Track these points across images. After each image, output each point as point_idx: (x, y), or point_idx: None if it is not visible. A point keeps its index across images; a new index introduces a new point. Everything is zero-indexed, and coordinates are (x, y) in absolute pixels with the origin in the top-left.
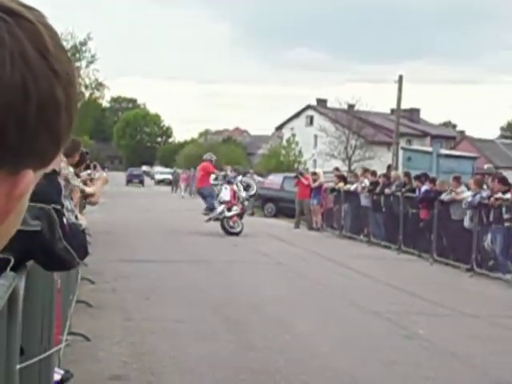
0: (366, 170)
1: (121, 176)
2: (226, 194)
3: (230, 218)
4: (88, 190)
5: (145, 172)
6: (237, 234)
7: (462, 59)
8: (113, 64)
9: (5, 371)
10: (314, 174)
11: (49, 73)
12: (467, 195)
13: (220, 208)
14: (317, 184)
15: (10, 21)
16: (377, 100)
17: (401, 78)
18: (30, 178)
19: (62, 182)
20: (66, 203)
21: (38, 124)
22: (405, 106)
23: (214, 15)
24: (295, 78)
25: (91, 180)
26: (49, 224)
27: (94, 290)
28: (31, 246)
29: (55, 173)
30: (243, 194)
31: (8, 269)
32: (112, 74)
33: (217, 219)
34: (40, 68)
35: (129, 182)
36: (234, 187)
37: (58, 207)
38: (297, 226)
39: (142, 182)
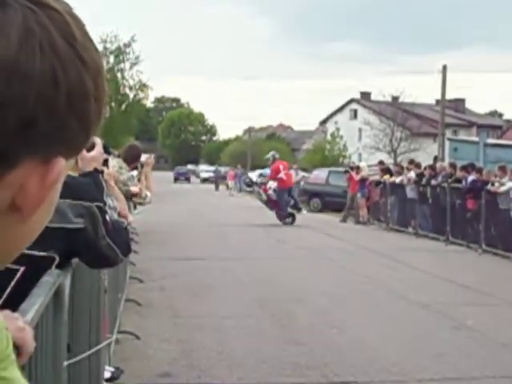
0: (411, 162)
1: (167, 175)
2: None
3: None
4: (133, 189)
5: (190, 171)
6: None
7: (507, 47)
8: (156, 64)
9: (52, 367)
10: (357, 167)
11: (77, 62)
12: (510, 185)
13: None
14: (359, 177)
15: (38, 11)
16: (421, 91)
17: (445, 67)
18: (62, 166)
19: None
20: (109, 201)
21: (68, 112)
22: (449, 96)
23: (253, 11)
24: (337, 71)
25: (139, 180)
26: (92, 222)
27: (143, 289)
28: (75, 243)
29: (98, 171)
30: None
31: (53, 266)
32: (155, 74)
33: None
34: (68, 57)
35: (176, 179)
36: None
37: (101, 205)
38: (344, 219)
39: (188, 180)
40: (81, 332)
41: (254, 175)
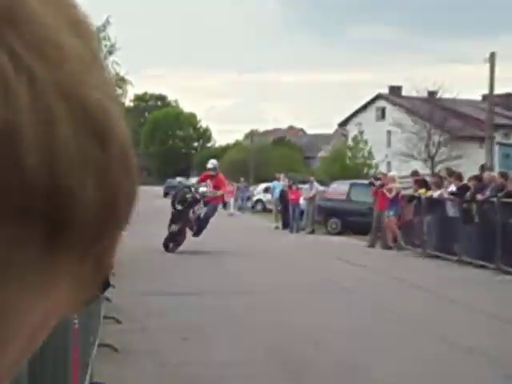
0: (451, 173)
1: (151, 191)
2: None
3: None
4: None
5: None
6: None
7: None
8: (136, 54)
9: None
10: (380, 179)
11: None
12: None
13: None
14: (388, 191)
15: None
16: (464, 85)
17: (493, 55)
18: None
19: None
20: None
21: None
22: (499, 90)
23: None
24: (360, 61)
25: None
26: None
27: (121, 331)
28: None
29: None
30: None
31: None
32: (135, 66)
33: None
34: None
35: (166, 194)
36: None
37: None
38: (371, 244)
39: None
40: None
41: (258, 190)
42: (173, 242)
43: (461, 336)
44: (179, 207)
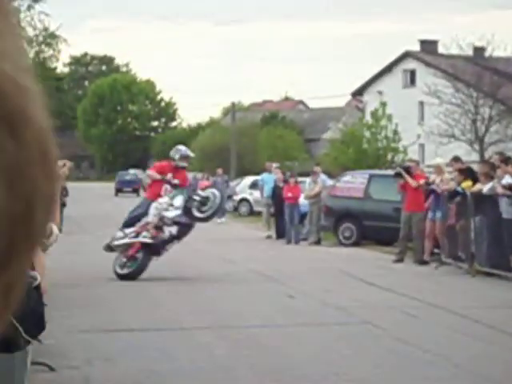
0: (507, 159)
1: (94, 188)
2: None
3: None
4: None
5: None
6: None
7: None
8: (72, 2)
9: None
10: (410, 166)
11: None
12: None
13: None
14: (436, 185)
15: None
16: None
17: None
18: None
19: None
20: None
21: None
22: None
23: None
24: (382, 7)
25: None
26: None
27: (55, 382)
28: None
29: None
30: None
31: None
32: (71, 18)
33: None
34: None
35: (118, 191)
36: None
37: None
38: (400, 258)
39: (136, 191)
40: None
41: (242, 186)
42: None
43: None
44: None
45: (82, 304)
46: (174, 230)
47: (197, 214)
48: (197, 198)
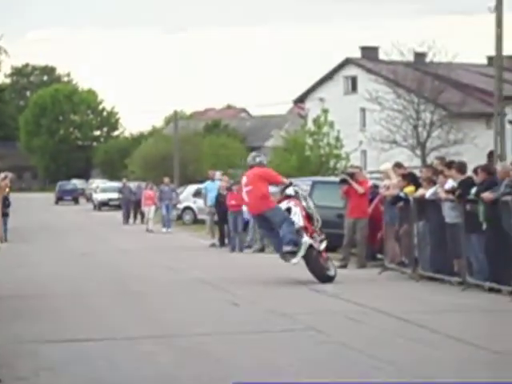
0: (449, 163)
1: (37, 199)
2: (297, 215)
3: (320, 252)
4: None
5: (78, 189)
6: (332, 278)
7: None
8: (13, 11)
9: None
10: (353, 172)
11: None
12: None
13: (306, 239)
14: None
15: None
16: (463, 43)
17: (500, 3)
18: None
19: None
20: None
21: None
22: (510, 51)
23: None
24: (323, 12)
25: None
26: None
27: None
28: None
29: None
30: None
31: None
32: (12, 27)
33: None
34: None
35: (59, 199)
36: (303, 203)
37: None
38: (344, 264)
39: (75, 200)
40: None
41: (185, 194)
42: None
43: None
44: None
45: (28, 314)
46: None
47: None
48: None
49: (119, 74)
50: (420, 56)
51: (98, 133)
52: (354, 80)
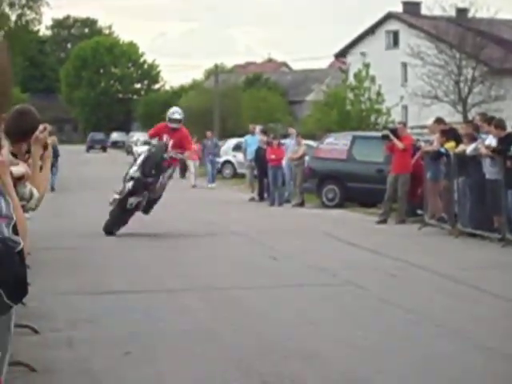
0: (490, 119)
1: (78, 151)
2: None
3: None
4: (15, 170)
5: (116, 143)
6: None
7: None
8: None
9: None
10: (397, 127)
11: None
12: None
13: None
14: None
15: None
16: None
17: None
18: None
19: None
20: None
21: None
22: None
23: None
24: None
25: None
26: None
27: (39, 345)
28: None
29: None
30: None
31: None
32: None
33: None
34: None
35: (90, 148)
36: None
37: None
38: (383, 219)
39: (104, 149)
40: None
41: (225, 148)
42: (122, 222)
43: (504, 344)
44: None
45: (66, 266)
46: (129, 185)
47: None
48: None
49: (159, 28)
50: (462, 11)
51: (138, 86)
52: (395, 35)
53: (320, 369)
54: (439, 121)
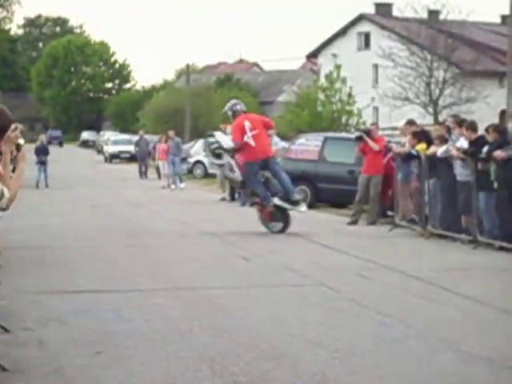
0: (461, 121)
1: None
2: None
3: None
4: None
5: (86, 142)
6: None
7: None
8: None
9: None
10: (370, 129)
11: None
12: None
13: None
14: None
15: None
16: (478, 1)
17: None
18: None
19: None
20: None
21: None
22: None
23: None
24: None
25: None
26: None
27: (9, 344)
28: None
29: None
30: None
31: None
32: None
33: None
34: None
35: (49, 143)
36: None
37: None
38: (354, 220)
39: (60, 144)
40: None
41: (196, 148)
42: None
43: (476, 345)
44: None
45: (37, 266)
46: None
47: None
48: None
49: (131, 27)
50: (434, 13)
51: (109, 85)
52: (367, 36)
53: (291, 369)
54: (410, 122)
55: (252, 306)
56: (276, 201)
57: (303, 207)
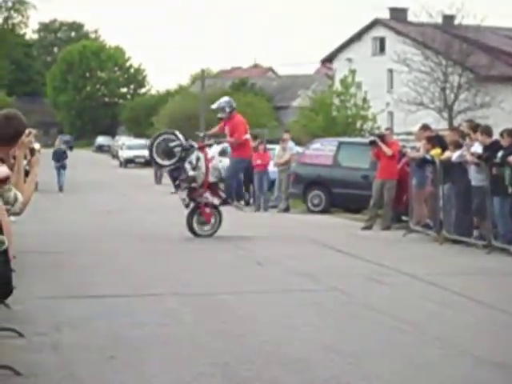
0: (476, 126)
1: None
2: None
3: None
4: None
5: (101, 147)
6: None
7: None
8: None
9: None
10: (384, 133)
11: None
12: None
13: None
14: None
15: None
16: (493, 7)
17: None
18: None
19: None
20: None
21: None
22: None
23: None
24: None
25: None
26: None
27: (23, 348)
28: None
29: None
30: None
31: None
32: None
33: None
34: None
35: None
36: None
37: None
38: (369, 225)
39: (71, 148)
40: None
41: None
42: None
43: (490, 350)
44: (165, 162)
45: (52, 270)
46: None
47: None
48: None
49: (146, 33)
50: (448, 18)
51: (124, 90)
52: (382, 41)
53: (304, 374)
54: (425, 127)
55: (265, 311)
56: (236, 203)
57: (248, 208)
